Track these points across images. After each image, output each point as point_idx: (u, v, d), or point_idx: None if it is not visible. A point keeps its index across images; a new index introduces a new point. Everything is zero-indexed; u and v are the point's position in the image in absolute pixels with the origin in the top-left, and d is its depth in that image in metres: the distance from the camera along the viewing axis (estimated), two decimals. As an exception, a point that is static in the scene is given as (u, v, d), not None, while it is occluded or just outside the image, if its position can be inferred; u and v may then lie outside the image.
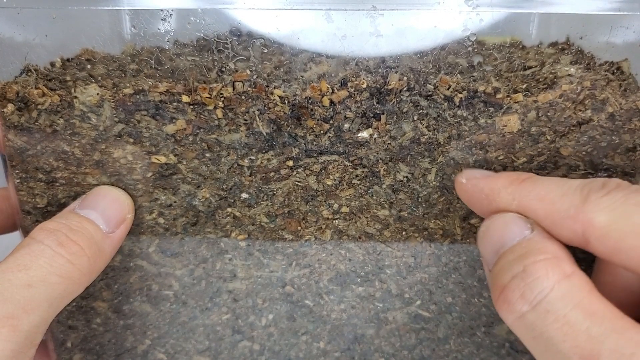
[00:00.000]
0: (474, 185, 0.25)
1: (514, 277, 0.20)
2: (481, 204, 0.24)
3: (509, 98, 0.24)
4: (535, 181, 0.22)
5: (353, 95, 0.25)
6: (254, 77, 0.25)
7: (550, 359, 0.19)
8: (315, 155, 0.27)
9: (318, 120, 0.25)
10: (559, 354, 0.19)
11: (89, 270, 0.25)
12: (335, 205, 0.28)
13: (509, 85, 0.25)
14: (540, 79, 0.25)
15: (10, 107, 0.25)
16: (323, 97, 0.25)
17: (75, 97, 0.25)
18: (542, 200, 0.22)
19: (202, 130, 0.26)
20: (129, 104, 0.25)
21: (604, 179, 0.21)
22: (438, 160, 0.26)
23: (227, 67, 0.25)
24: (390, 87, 0.25)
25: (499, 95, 0.24)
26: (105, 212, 0.26)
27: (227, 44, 0.26)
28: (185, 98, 0.25)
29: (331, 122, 0.25)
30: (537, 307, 0.19)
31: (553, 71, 0.25)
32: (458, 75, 0.25)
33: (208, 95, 0.25)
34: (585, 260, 0.25)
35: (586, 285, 0.19)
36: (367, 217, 0.28)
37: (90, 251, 0.25)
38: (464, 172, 0.26)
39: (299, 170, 0.27)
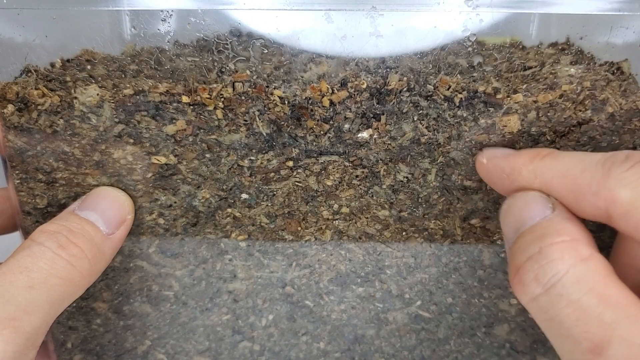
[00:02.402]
0: (495, 164, 0.24)
1: (529, 258, 0.20)
2: (503, 183, 0.24)
3: (509, 98, 0.24)
4: (555, 157, 0.22)
5: (353, 96, 0.25)
6: (254, 77, 0.25)
7: (561, 343, 0.19)
8: (315, 155, 0.27)
9: (318, 120, 0.25)
10: (570, 339, 0.18)
11: (89, 272, 0.25)
12: (336, 206, 0.28)
13: (509, 85, 0.25)
14: (540, 79, 0.25)
15: (10, 107, 0.25)
16: (323, 97, 0.25)
17: (75, 97, 0.25)
18: (563, 177, 0.21)
19: (202, 130, 0.26)
20: (129, 104, 0.25)
21: (627, 152, 0.20)
22: (438, 161, 0.26)
23: (227, 68, 0.25)
24: (390, 87, 0.25)
25: (499, 96, 0.24)
26: (105, 213, 0.26)
27: (227, 44, 0.26)
28: (185, 99, 0.25)
29: (331, 122, 0.25)
30: (550, 290, 0.19)
31: (553, 71, 0.25)
32: (458, 75, 0.25)
33: (208, 96, 0.25)
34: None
35: (603, 269, 0.19)
36: (367, 218, 0.28)
37: (91, 253, 0.25)
38: (484, 151, 0.25)
39: (299, 170, 0.27)
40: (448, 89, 0.25)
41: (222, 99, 0.25)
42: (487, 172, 0.25)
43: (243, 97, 0.25)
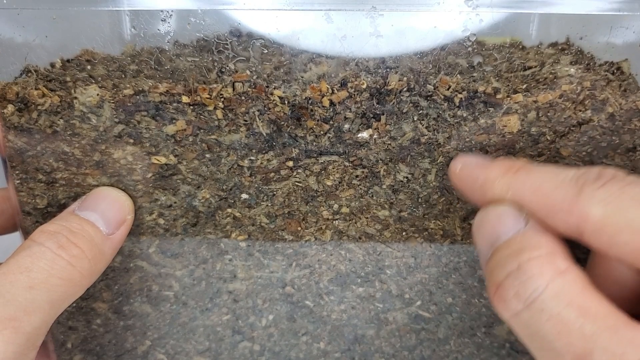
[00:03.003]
0: (468, 174, 0.24)
1: (509, 275, 0.20)
2: (475, 194, 0.24)
3: (509, 98, 0.24)
4: (529, 171, 0.22)
5: (353, 96, 0.25)
6: (254, 77, 0.25)
7: (545, 357, 0.19)
8: (315, 155, 0.27)
9: (318, 120, 0.25)
10: (553, 352, 0.19)
11: (89, 273, 0.25)
12: (335, 206, 0.28)
13: (509, 85, 0.25)
14: (540, 79, 0.25)
15: (11, 107, 0.25)
16: (323, 97, 0.25)
17: (75, 97, 0.25)
18: (536, 192, 0.21)
19: (202, 130, 0.26)
20: (129, 104, 0.25)
21: (599, 169, 0.20)
22: (438, 161, 0.26)
23: (227, 68, 0.25)
24: (390, 87, 0.25)
25: (499, 96, 0.24)
26: (105, 213, 0.26)
27: (227, 44, 0.26)
28: (185, 99, 0.25)
29: (331, 122, 0.25)
30: (531, 306, 0.19)
31: (553, 71, 0.25)
32: (458, 75, 0.25)
33: (208, 96, 0.25)
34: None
35: (580, 281, 0.19)
36: (367, 218, 0.28)
37: (91, 253, 0.25)
38: (458, 158, 0.25)
39: (299, 170, 0.27)
40: (448, 89, 0.25)
41: (222, 99, 0.25)
42: (460, 180, 0.25)
43: (243, 97, 0.25)
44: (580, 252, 0.27)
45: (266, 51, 0.26)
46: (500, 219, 0.22)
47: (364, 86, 0.25)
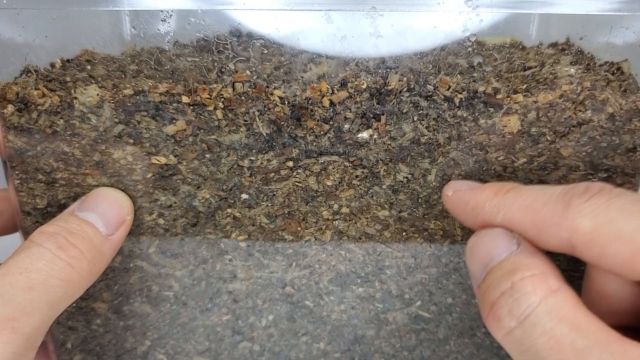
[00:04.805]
0: (459, 198, 0.25)
1: (502, 293, 0.20)
2: (467, 217, 0.24)
3: (509, 98, 0.24)
4: (518, 191, 0.23)
5: (353, 96, 0.25)
6: (254, 77, 0.25)
7: None
8: (315, 155, 0.27)
9: (318, 120, 0.25)
10: None
11: (88, 274, 0.25)
12: (335, 206, 0.28)
13: (509, 85, 0.25)
14: (540, 80, 0.25)
15: (10, 108, 0.25)
16: (323, 97, 0.25)
17: (75, 98, 0.25)
18: (525, 211, 0.22)
19: (202, 131, 0.26)
20: (129, 104, 0.25)
21: (586, 183, 0.21)
22: (438, 161, 0.26)
23: (227, 68, 0.25)
24: (390, 87, 0.25)
25: (499, 96, 0.24)
26: (104, 214, 0.26)
27: (227, 44, 0.26)
28: (185, 99, 0.25)
29: (331, 122, 0.25)
30: (524, 322, 0.20)
31: (553, 72, 0.25)
32: (458, 75, 0.25)
33: (208, 96, 0.25)
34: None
35: (572, 299, 0.20)
36: (367, 218, 0.28)
37: (90, 254, 0.25)
38: (450, 184, 0.26)
39: (299, 170, 0.27)
40: (448, 89, 0.25)
41: (222, 99, 0.25)
42: (452, 204, 0.25)
43: (243, 98, 0.25)
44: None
45: (266, 51, 0.26)
46: (493, 242, 0.22)
47: (364, 86, 0.25)
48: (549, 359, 0.19)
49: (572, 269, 0.28)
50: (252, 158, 0.27)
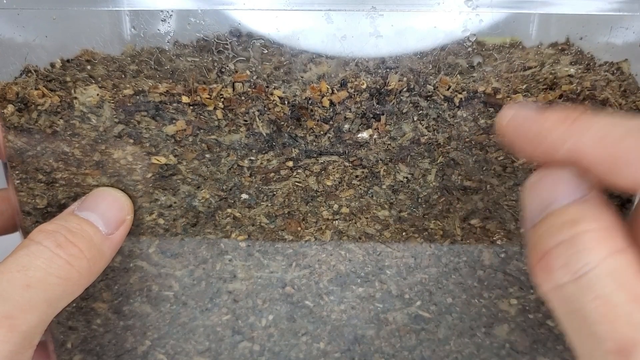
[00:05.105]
0: (516, 127, 0.22)
1: (560, 243, 0.18)
2: (526, 148, 0.21)
3: (508, 98, 0.24)
4: (589, 120, 0.19)
5: (353, 96, 0.25)
6: (254, 77, 0.25)
7: (582, 339, 0.18)
8: (315, 155, 0.27)
9: (318, 120, 0.25)
10: (593, 336, 0.17)
11: (88, 272, 0.25)
12: (335, 206, 0.28)
13: (508, 85, 0.25)
14: (540, 80, 0.25)
15: (10, 108, 0.25)
16: (323, 97, 0.25)
17: (75, 98, 0.25)
18: (599, 143, 0.19)
19: (202, 131, 0.26)
20: (129, 104, 0.25)
21: None
22: (438, 161, 0.26)
23: (227, 68, 0.25)
24: (390, 87, 0.25)
25: (498, 96, 0.24)
26: (104, 214, 0.26)
27: (227, 44, 0.26)
28: (185, 99, 0.25)
29: (331, 122, 0.25)
30: (578, 280, 0.18)
31: (553, 72, 0.25)
32: (458, 75, 0.25)
33: (208, 96, 0.25)
34: None
35: (636, 265, 0.18)
36: (367, 218, 0.28)
37: (90, 253, 0.25)
38: (504, 111, 0.23)
39: (299, 170, 0.27)
40: (448, 89, 0.25)
41: (222, 99, 0.25)
42: (509, 133, 0.22)
43: (243, 98, 0.25)
44: None
45: (266, 51, 0.26)
46: (559, 184, 0.20)
47: (364, 86, 0.25)
48: (599, 327, 0.17)
49: None
50: (252, 158, 0.27)
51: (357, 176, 0.27)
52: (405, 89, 0.25)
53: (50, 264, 0.23)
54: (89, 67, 0.27)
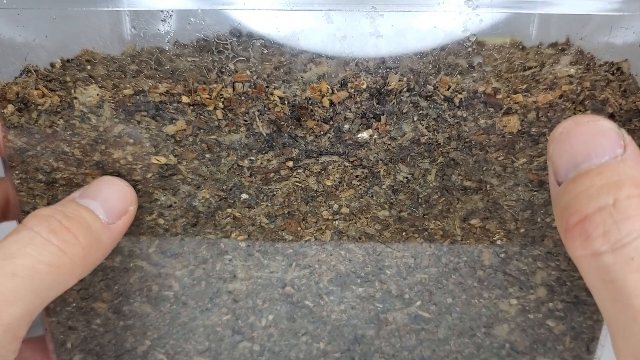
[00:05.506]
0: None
1: (602, 209, 0.17)
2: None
3: (508, 98, 0.24)
4: None
5: (353, 96, 0.25)
6: (254, 77, 0.25)
7: (616, 311, 0.17)
8: (315, 155, 0.27)
9: (318, 120, 0.25)
10: (630, 309, 0.16)
11: (82, 261, 0.23)
12: (335, 206, 0.28)
13: (508, 85, 0.25)
14: (540, 80, 0.25)
15: (10, 107, 0.25)
16: (323, 97, 0.25)
17: (75, 97, 0.25)
18: None
19: (202, 131, 0.26)
20: (129, 104, 0.25)
21: None
22: (438, 161, 0.26)
23: (227, 68, 0.25)
24: (390, 87, 0.25)
25: (498, 96, 0.24)
26: (106, 202, 0.25)
27: (227, 44, 0.26)
28: (185, 99, 0.25)
29: (331, 122, 0.25)
30: (619, 251, 0.16)
31: (553, 72, 0.25)
32: (458, 75, 0.25)
33: (208, 96, 0.25)
34: None
35: None
36: (367, 218, 0.28)
37: (85, 240, 0.23)
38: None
39: (299, 171, 0.27)
40: (448, 89, 0.25)
41: (222, 99, 0.25)
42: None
43: (243, 97, 0.25)
44: None
45: (266, 51, 0.26)
46: (596, 137, 0.18)
47: (364, 86, 0.25)
48: (637, 302, 0.16)
49: (572, 269, 0.28)
50: (252, 158, 0.27)
51: (357, 176, 0.27)
52: (405, 89, 0.25)
53: (41, 250, 0.22)
54: (89, 67, 0.27)
